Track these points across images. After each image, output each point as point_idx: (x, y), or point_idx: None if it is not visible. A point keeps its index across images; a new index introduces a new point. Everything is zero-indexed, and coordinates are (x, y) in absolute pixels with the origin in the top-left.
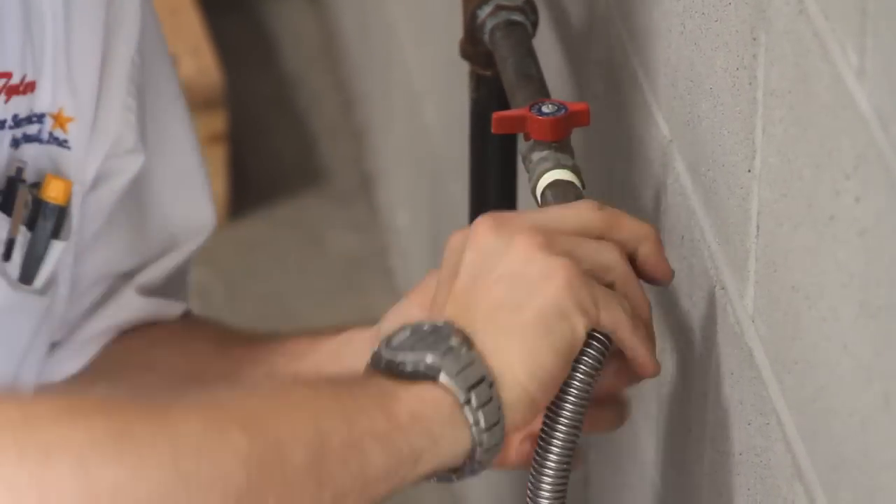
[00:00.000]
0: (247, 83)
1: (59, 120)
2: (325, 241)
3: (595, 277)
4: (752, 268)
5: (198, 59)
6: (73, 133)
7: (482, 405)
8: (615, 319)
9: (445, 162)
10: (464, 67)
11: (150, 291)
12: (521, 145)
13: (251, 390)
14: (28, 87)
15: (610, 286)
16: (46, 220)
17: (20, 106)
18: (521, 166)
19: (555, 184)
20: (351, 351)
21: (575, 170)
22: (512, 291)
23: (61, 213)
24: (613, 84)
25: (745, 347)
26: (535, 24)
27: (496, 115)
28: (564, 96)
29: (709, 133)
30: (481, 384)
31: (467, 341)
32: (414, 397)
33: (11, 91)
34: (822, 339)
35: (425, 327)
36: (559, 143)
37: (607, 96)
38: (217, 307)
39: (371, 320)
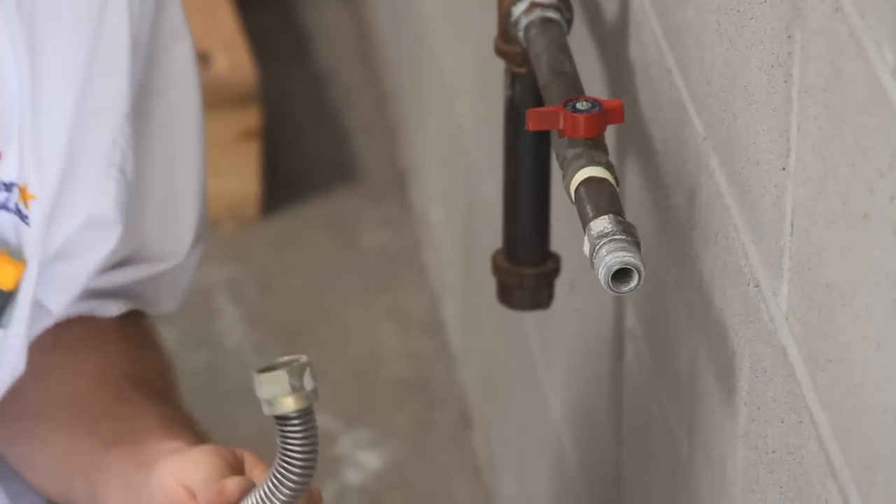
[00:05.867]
0: (280, 79)
1: (24, 194)
2: (358, 238)
3: None
4: (787, 266)
5: (232, 55)
6: (33, 211)
7: None
8: None
9: (479, 158)
10: (497, 64)
11: (93, 294)
12: (555, 142)
13: None
14: None
15: None
16: None
17: None
18: (555, 163)
19: (589, 181)
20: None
21: (609, 167)
22: None
23: (5, 297)
24: (648, 81)
25: (779, 345)
26: (569, 22)
27: (531, 111)
28: (599, 93)
29: (743, 131)
30: None
31: None
32: None
33: None
34: (856, 338)
35: None
36: (593, 140)
37: (642, 93)
38: (250, 303)
39: (403, 316)
